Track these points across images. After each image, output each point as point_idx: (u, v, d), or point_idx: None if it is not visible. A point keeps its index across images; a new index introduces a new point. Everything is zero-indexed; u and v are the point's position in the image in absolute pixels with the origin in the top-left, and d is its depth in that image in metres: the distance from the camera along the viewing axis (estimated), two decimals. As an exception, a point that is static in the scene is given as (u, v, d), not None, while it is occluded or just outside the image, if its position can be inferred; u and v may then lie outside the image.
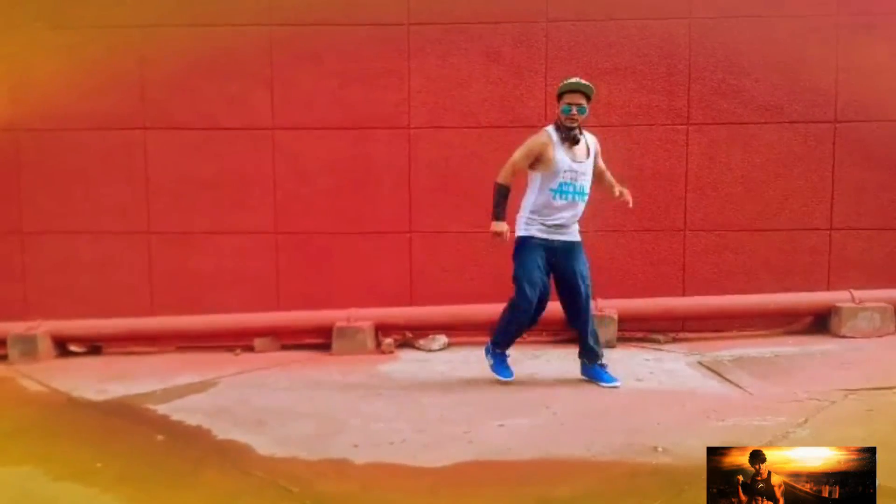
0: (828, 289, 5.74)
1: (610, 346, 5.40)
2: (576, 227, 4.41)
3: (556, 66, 5.73)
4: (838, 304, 5.51)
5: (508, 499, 2.89)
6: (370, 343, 5.53)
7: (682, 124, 5.76)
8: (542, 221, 4.27)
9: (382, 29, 5.77)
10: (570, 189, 4.22)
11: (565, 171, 4.19)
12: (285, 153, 5.89)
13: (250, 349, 5.68)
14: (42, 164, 5.93)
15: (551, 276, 4.41)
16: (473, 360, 5.09)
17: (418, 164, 5.83)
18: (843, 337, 5.41)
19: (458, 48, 5.77)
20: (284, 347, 5.74)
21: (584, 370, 4.53)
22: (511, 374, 4.50)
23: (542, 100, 5.75)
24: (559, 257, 4.33)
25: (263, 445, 3.48)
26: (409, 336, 5.76)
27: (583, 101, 4.15)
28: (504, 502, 2.87)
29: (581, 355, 4.53)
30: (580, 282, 4.34)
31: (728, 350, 5.23)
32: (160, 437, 3.68)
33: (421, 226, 5.88)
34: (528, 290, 4.24)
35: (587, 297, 4.39)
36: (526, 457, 3.28)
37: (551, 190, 4.21)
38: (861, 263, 5.78)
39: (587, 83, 4.19)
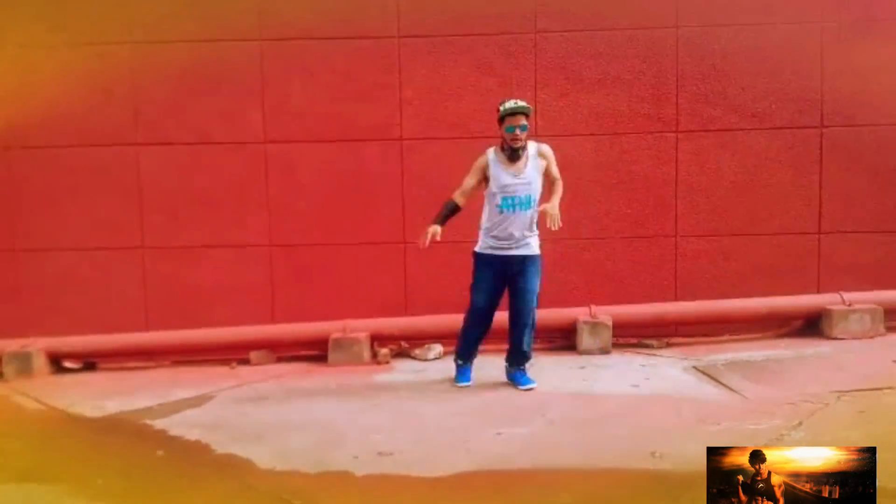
0: (818, 292, 5.80)
1: (605, 352, 5.46)
2: (530, 240, 4.51)
3: (545, 76, 5.79)
4: (829, 307, 5.57)
5: (508, 507, 2.92)
6: (366, 354, 5.55)
7: (670, 132, 5.82)
8: (494, 235, 4.48)
9: (373, 42, 5.81)
10: (512, 202, 4.41)
11: (505, 186, 4.41)
12: (278, 166, 5.92)
13: (246, 362, 5.68)
14: (36, 182, 5.92)
15: (506, 287, 4.61)
16: (469, 369, 5.12)
17: (411, 175, 5.86)
18: (835, 339, 5.47)
19: (448, 60, 5.82)
20: (280, 360, 5.75)
21: (507, 374, 4.75)
22: (467, 380, 4.74)
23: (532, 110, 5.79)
24: (515, 270, 4.50)
25: (263, 459, 3.50)
26: (404, 346, 5.78)
27: (523, 121, 4.37)
28: (504, 511, 2.89)
29: (507, 360, 4.76)
30: (526, 296, 4.52)
31: (721, 354, 5.28)
32: (160, 453, 3.68)
33: (415, 236, 5.86)
34: (476, 301, 4.56)
35: (530, 310, 4.56)
36: (524, 465, 3.31)
37: (497, 206, 4.44)
38: (850, 266, 5.84)
39: (524, 104, 4.40)
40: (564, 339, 5.71)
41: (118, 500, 3.08)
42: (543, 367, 5.15)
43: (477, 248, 4.59)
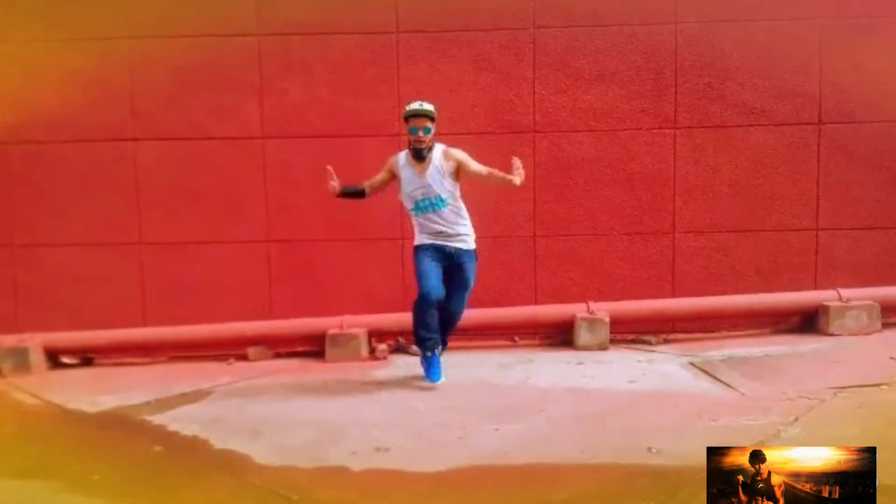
0: (815, 288, 5.81)
1: (602, 348, 5.46)
2: (463, 235, 4.62)
3: (543, 71, 5.79)
4: (826, 303, 5.58)
5: (505, 503, 2.92)
6: (363, 350, 5.55)
7: (669, 128, 5.82)
8: (424, 232, 4.60)
9: (371, 37, 5.80)
10: (426, 203, 4.52)
11: (414, 189, 4.52)
12: (276, 162, 5.91)
13: (244, 358, 5.67)
14: (33, 177, 5.91)
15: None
16: (467, 364, 5.13)
17: (409, 170, 5.85)
18: (832, 335, 5.48)
19: (446, 56, 5.81)
20: (278, 356, 5.75)
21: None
22: (438, 377, 4.65)
23: (530, 105, 5.80)
24: (452, 262, 4.60)
25: (261, 454, 3.50)
26: (402, 342, 5.77)
27: (427, 123, 4.48)
28: (502, 506, 2.90)
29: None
30: (463, 293, 4.68)
31: (718, 350, 5.29)
32: (157, 448, 3.68)
33: (412, 231, 5.90)
34: (424, 285, 4.48)
35: (462, 309, 4.75)
36: (521, 461, 3.31)
37: (411, 210, 4.61)
38: (847, 263, 5.85)
39: (428, 107, 4.48)
40: (562, 336, 5.71)
41: (115, 496, 3.08)
42: (541, 363, 5.16)
43: (415, 242, 4.66)
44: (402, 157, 4.61)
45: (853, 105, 5.77)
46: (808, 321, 5.73)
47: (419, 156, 4.50)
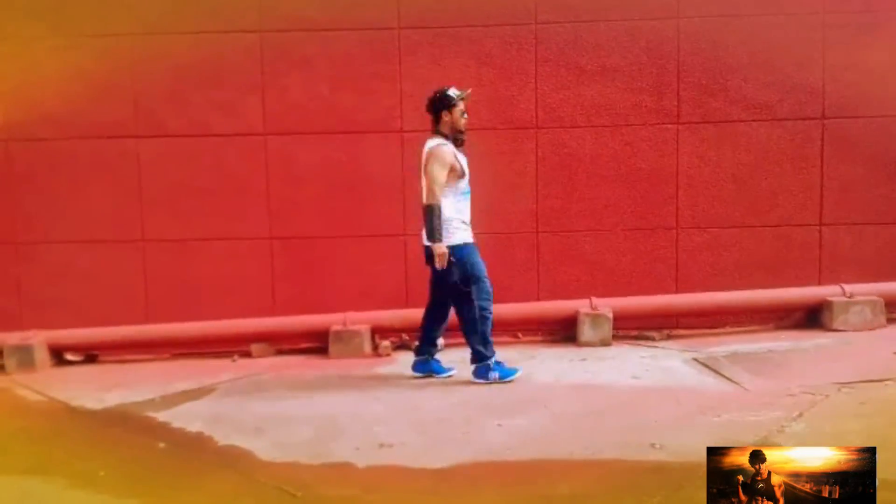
0: (819, 284, 5.80)
1: (605, 344, 5.46)
2: None
3: (545, 67, 5.78)
4: (830, 299, 5.57)
5: (509, 498, 2.92)
6: (367, 346, 5.56)
7: (671, 123, 5.80)
8: (463, 224, 4.55)
9: (373, 33, 5.79)
10: (468, 187, 4.58)
11: (466, 172, 4.53)
12: (278, 159, 5.91)
13: (247, 355, 5.68)
14: (35, 174, 5.91)
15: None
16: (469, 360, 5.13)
17: (411, 166, 5.81)
18: (835, 331, 5.47)
19: (448, 51, 5.80)
20: (281, 352, 5.76)
21: (429, 365, 4.84)
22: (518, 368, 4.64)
23: (532, 101, 5.79)
24: None
25: (265, 451, 3.51)
26: (405, 338, 5.78)
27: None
28: (504, 502, 2.90)
29: (427, 352, 4.85)
30: None
31: (722, 346, 5.28)
32: (161, 445, 3.69)
33: (415, 228, 5.85)
34: (488, 286, 4.53)
35: None
36: (525, 456, 3.32)
37: (463, 193, 4.55)
38: (851, 258, 5.84)
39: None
40: (565, 332, 5.71)
41: (120, 493, 3.09)
42: (544, 359, 5.16)
43: (458, 241, 4.47)
44: (449, 144, 4.48)
45: (857, 100, 5.75)
46: (812, 317, 5.72)
47: (461, 139, 4.53)
